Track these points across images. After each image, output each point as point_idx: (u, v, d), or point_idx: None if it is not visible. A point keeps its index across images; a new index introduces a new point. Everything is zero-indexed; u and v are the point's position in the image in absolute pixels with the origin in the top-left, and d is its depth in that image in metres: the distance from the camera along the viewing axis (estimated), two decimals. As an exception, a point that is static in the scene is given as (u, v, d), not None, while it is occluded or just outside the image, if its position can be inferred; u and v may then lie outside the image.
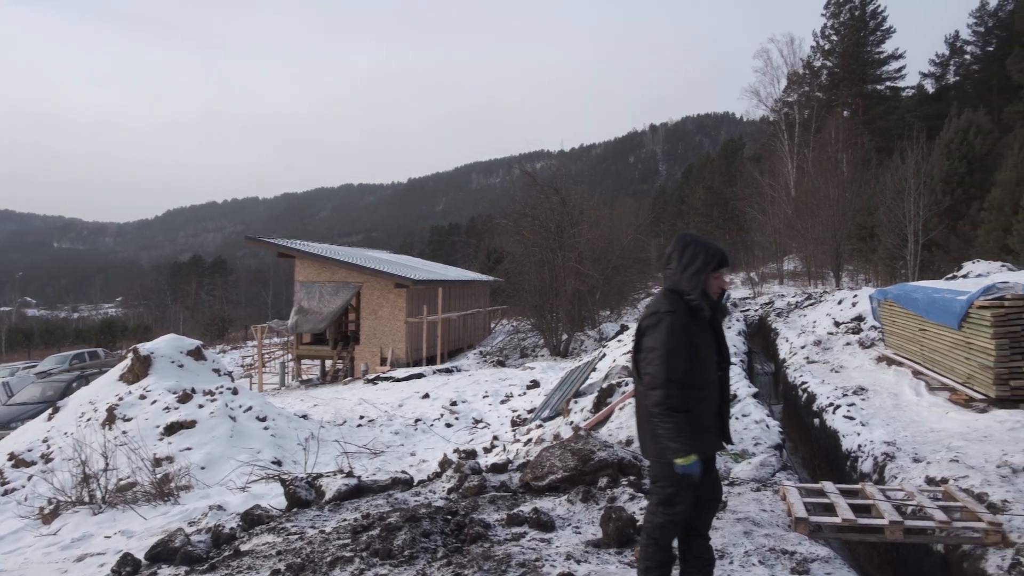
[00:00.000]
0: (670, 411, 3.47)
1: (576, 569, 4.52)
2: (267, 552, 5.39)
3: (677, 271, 3.64)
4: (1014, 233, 20.58)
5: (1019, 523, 5.10)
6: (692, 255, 3.62)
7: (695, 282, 3.58)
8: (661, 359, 3.49)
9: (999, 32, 51.83)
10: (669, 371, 3.48)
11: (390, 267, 29.40)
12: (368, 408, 14.51)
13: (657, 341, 3.53)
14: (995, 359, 9.00)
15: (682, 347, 3.52)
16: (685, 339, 3.54)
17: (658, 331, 3.54)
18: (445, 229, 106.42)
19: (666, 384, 3.47)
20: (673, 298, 3.65)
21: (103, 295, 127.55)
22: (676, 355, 3.50)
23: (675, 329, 3.53)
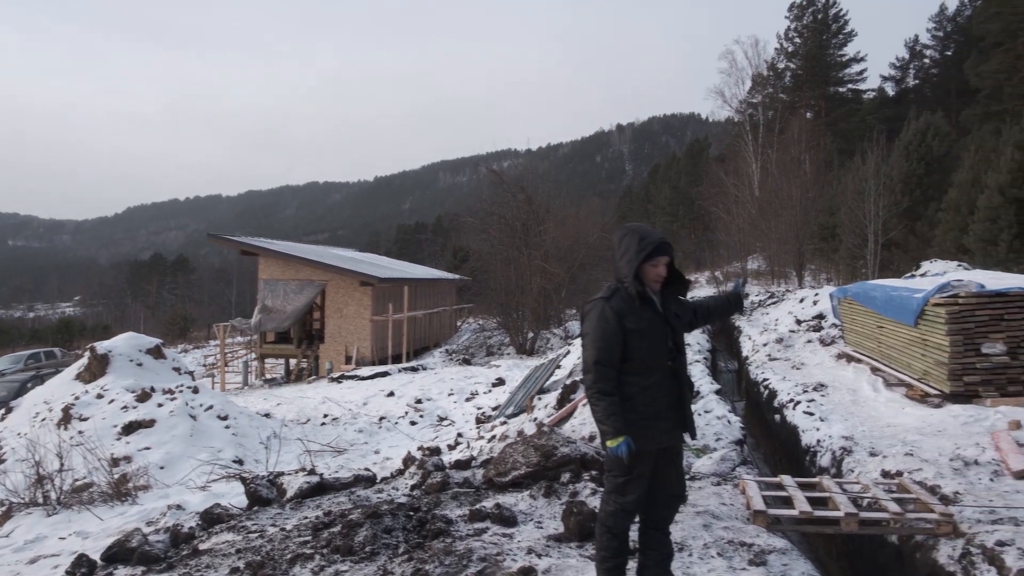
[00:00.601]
0: (599, 394, 3.55)
1: (537, 563, 4.52)
2: (226, 551, 5.32)
3: (616, 259, 3.72)
4: (970, 233, 21.04)
5: (969, 514, 5.22)
6: (627, 243, 3.67)
7: (628, 269, 3.63)
8: (591, 343, 3.60)
9: (957, 37, 53.06)
10: (597, 354, 3.57)
11: (355, 265, 29.19)
12: (332, 407, 14.40)
13: (589, 327, 3.65)
14: (949, 355, 9.20)
15: (613, 332, 3.58)
16: (616, 325, 3.59)
17: (590, 317, 3.66)
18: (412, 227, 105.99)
19: (594, 367, 3.57)
20: (613, 286, 3.72)
21: (60, 294, 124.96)
22: (604, 340, 3.57)
23: (604, 314, 3.60)
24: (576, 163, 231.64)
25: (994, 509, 5.24)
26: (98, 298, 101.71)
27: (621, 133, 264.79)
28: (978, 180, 22.34)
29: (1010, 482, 5.98)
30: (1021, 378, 8.99)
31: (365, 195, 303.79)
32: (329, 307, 27.31)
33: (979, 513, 5.21)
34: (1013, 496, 5.58)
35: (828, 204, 34.14)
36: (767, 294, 32.11)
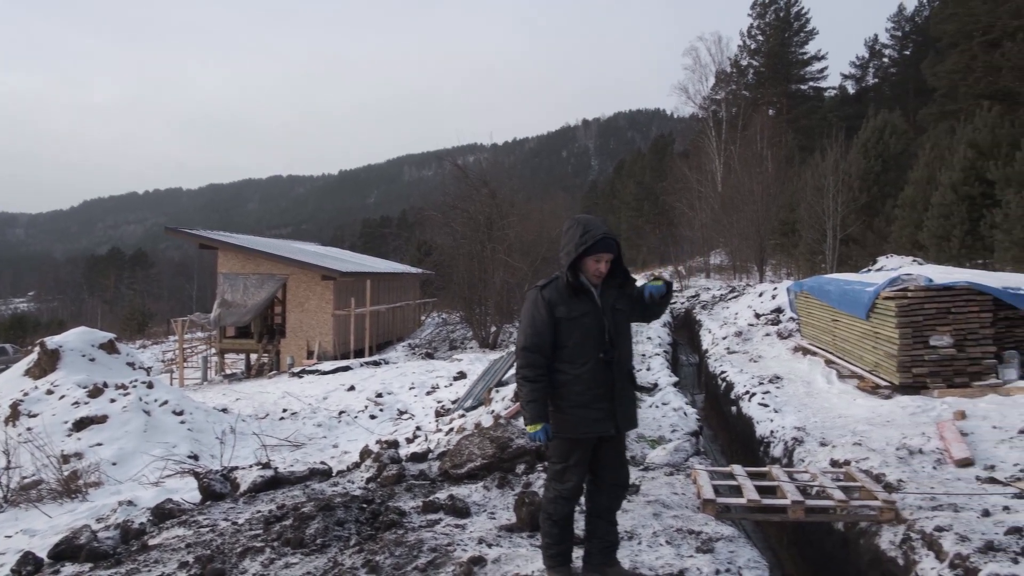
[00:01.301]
0: (523, 379, 3.67)
1: (487, 552, 4.54)
2: (176, 545, 5.26)
3: (560, 253, 3.76)
4: (924, 229, 21.51)
5: (912, 501, 5.35)
6: (571, 234, 3.69)
7: (566, 260, 3.67)
8: (520, 329, 3.77)
9: (915, 37, 54.11)
10: (525, 340, 3.68)
11: (317, 259, 28.93)
12: (292, 401, 14.27)
13: (522, 314, 3.80)
14: (899, 348, 9.42)
15: (542, 320, 3.65)
16: (547, 313, 3.66)
17: (525, 304, 3.80)
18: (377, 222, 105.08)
19: (522, 353, 3.68)
20: (553, 276, 3.83)
21: (13, 289, 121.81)
22: (533, 327, 3.67)
23: (536, 302, 3.70)
24: (542, 158, 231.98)
25: (935, 496, 5.38)
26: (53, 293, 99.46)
27: (587, 128, 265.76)
28: (933, 178, 22.84)
29: (952, 470, 6.15)
30: (967, 370, 9.23)
31: (330, 189, 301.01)
32: (290, 301, 27.03)
33: (921, 500, 5.34)
34: (954, 483, 5.73)
35: (789, 200, 34.65)
36: (728, 288, 32.54)
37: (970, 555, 4.21)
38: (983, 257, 19.97)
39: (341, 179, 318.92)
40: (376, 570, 4.39)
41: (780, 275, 35.86)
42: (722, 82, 59.62)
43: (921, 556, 4.54)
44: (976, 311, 9.26)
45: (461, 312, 26.53)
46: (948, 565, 4.27)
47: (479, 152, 36.97)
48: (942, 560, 4.35)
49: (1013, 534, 4.41)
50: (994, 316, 9.32)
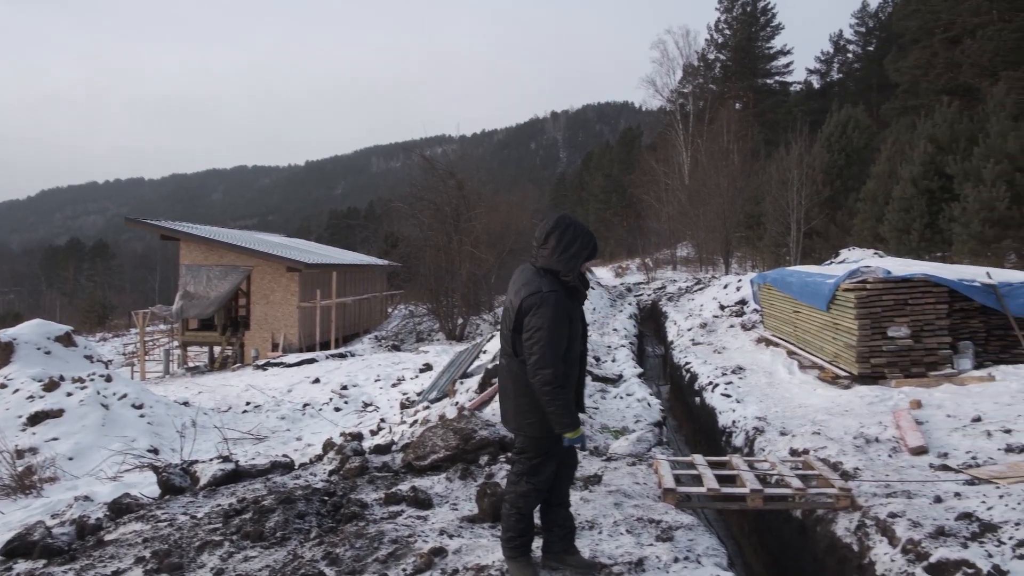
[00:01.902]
0: (560, 389, 3.55)
1: (448, 543, 4.54)
2: (133, 540, 5.18)
3: (555, 252, 3.67)
4: (885, 222, 21.86)
5: (867, 488, 5.44)
6: (571, 239, 3.67)
7: (572, 264, 3.66)
8: (549, 339, 3.53)
9: (879, 33, 54.90)
10: (557, 350, 3.56)
11: (282, 250, 28.61)
12: (256, 394, 14.12)
13: (544, 321, 3.55)
14: (858, 338, 9.58)
15: (565, 326, 3.62)
16: (568, 320, 3.64)
17: (543, 311, 3.56)
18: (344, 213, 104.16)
19: (555, 363, 3.54)
20: (550, 277, 3.69)
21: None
22: (562, 335, 3.59)
23: (560, 309, 3.59)
24: (511, 149, 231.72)
25: (889, 484, 5.48)
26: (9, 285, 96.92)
27: (555, 120, 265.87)
28: (894, 172, 23.21)
29: (907, 458, 6.27)
30: (923, 360, 9.42)
31: (296, 180, 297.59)
32: (255, 293, 26.71)
33: (876, 487, 5.43)
34: (908, 471, 5.84)
35: (754, 193, 35.02)
36: (694, 280, 32.83)
37: (922, 540, 4.30)
38: (942, 250, 20.37)
39: (308, 170, 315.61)
40: (336, 562, 4.37)
41: (745, 267, 36.28)
42: (689, 75, 60.02)
43: (875, 542, 4.62)
44: (932, 303, 9.44)
45: (428, 304, 26.41)
46: (900, 550, 4.35)
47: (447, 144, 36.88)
48: (895, 546, 4.44)
49: (963, 519, 4.51)
50: (950, 307, 9.51)
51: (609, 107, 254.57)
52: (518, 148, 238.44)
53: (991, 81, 25.83)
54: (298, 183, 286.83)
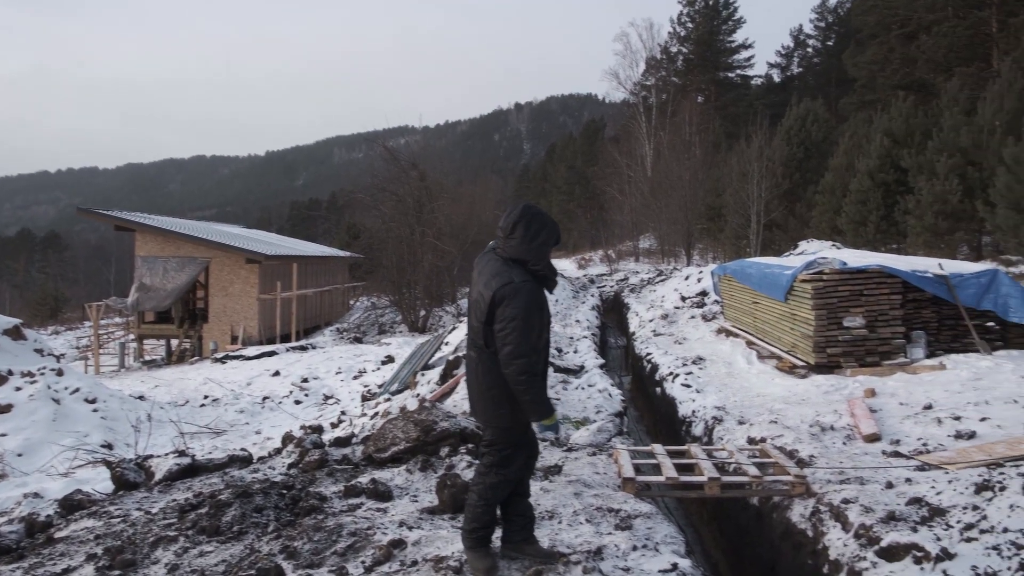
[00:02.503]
0: (535, 377, 3.58)
1: (408, 535, 4.52)
2: (85, 537, 5.07)
3: (524, 241, 3.66)
4: (843, 215, 22.22)
5: (822, 475, 5.54)
6: (538, 228, 3.67)
7: (542, 253, 3.67)
8: (524, 328, 3.54)
9: (838, 28, 55.66)
10: (533, 339, 3.57)
11: (241, 241, 28.20)
12: (214, 387, 13.91)
13: (518, 311, 3.54)
14: (814, 329, 9.74)
15: (539, 315, 3.64)
16: (542, 309, 3.68)
17: (517, 300, 3.56)
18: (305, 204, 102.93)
19: (531, 352, 3.55)
20: (520, 267, 3.68)
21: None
22: (536, 324, 3.61)
23: (534, 298, 3.61)
24: (474, 141, 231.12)
25: (843, 470, 5.59)
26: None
27: (519, 112, 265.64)
28: (851, 165, 23.57)
29: (860, 445, 6.39)
30: (878, 349, 9.61)
31: (256, 170, 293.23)
32: (213, 285, 26.29)
33: (830, 474, 5.53)
34: (861, 458, 5.96)
35: (715, 185, 35.34)
36: (656, 272, 33.09)
37: (873, 525, 4.39)
38: (897, 242, 20.77)
39: (268, 160, 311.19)
40: (294, 555, 4.33)
41: (707, 259, 36.64)
42: (652, 68, 60.36)
43: (829, 527, 4.71)
44: (886, 293, 9.63)
45: (390, 296, 26.24)
46: (853, 535, 4.44)
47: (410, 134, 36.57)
48: (848, 531, 4.52)
49: (913, 504, 4.61)
50: (903, 298, 9.71)
51: (573, 99, 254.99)
52: (482, 139, 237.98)
53: (945, 77, 26.39)
54: (258, 173, 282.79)
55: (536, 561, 3.98)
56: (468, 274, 30.64)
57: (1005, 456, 5.32)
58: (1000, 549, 3.82)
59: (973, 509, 4.31)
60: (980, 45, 30.93)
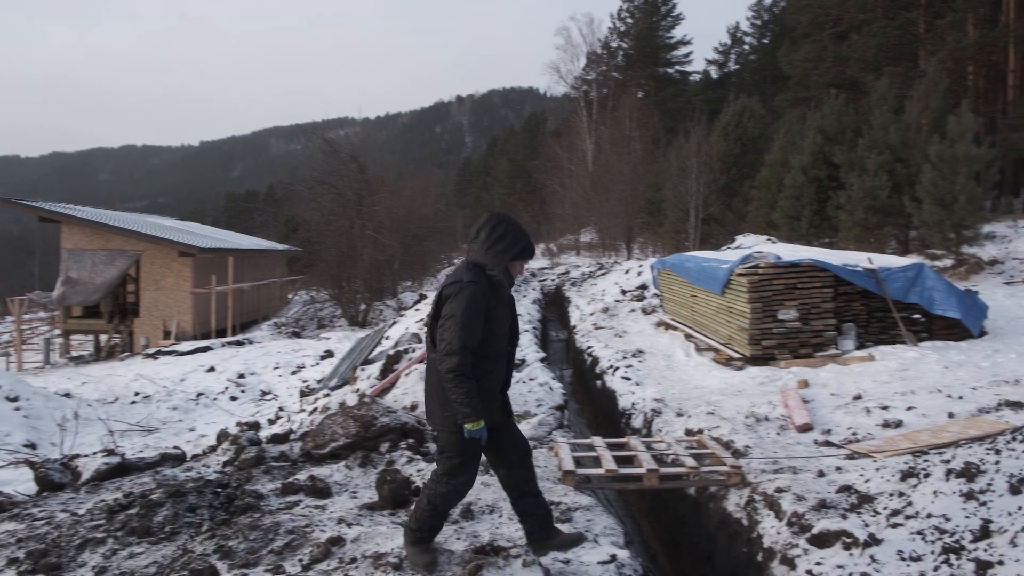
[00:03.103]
0: (463, 377, 3.55)
1: (346, 532, 4.46)
2: (5, 541, 4.85)
3: (483, 246, 3.71)
4: (778, 209, 22.71)
5: (756, 465, 5.66)
6: (501, 234, 3.71)
7: (499, 259, 3.69)
8: (458, 327, 3.54)
9: (773, 26, 56.85)
10: (465, 339, 3.54)
11: (174, 234, 27.44)
12: (145, 384, 13.51)
13: (456, 309, 3.57)
14: (750, 321, 9.93)
15: (479, 317, 3.61)
16: (483, 311, 3.63)
17: (458, 299, 3.59)
18: (241, 196, 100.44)
19: (461, 351, 3.53)
20: (476, 270, 3.70)
21: None
22: (473, 324, 3.58)
23: (475, 299, 3.59)
24: (415, 133, 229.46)
25: (777, 460, 5.72)
26: None
27: (461, 104, 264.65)
28: (786, 161, 24.09)
29: (793, 435, 6.55)
30: (811, 341, 9.86)
31: (190, 160, 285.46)
32: (145, 279, 25.52)
33: (764, 464, 5.65)
34: (794, 448, 6.11)
35: (655, 180, 35.78)
36: (597, 266, 33.40)
37: (805, 513, 4.50)
38: (829, 236, 21.34)
39: (202, 150, 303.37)
40: (228, 555, 4.24)
41: (647, 253, 37.11)
42: (593, 63, 60.85)
43: (763, 516, 4.81)
44: (819, 287, 9.89)
45: (330, 290, 25.87)
46: (786, 523, 4.54)
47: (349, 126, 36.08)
48: (781, 519, 4.63)
49: (843, 492, 4.74)
50: (835, 291, 9.99)
51: (514, 92, 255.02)
52: (423, 132, 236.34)
53: (875, 76, 27.19)
54: (192, 164, 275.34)
55: (563, 548, 4.00)
56: (409, 268, 30.48)
57: (929, 444, 5.52)
58: (924, 534, 3.95)
59: (899, 496, 4.45)
60: (908, 45, 32.00)
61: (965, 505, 4.01)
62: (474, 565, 3.83)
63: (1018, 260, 15.44)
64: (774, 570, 4.34)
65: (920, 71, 25.74)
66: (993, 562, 3.45)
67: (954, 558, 3.63)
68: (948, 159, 14.86)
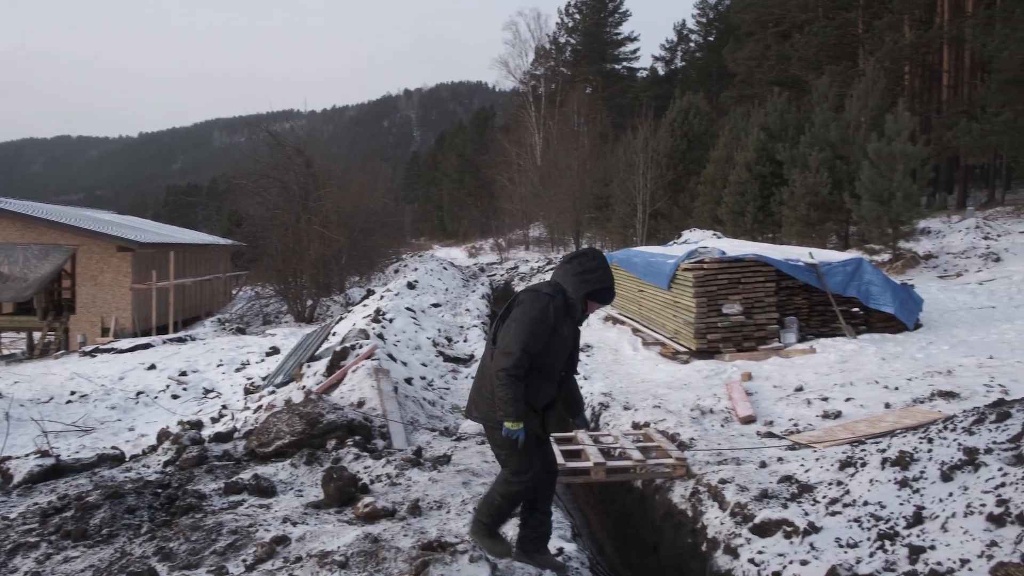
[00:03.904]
0: (513, 378, 3.65)
1: (292, 531, 4.40)
2: (-70, 548, 4.65)
3: (572, 271, 3.83)
4: (723, 205, 23.08)
5: (701, 457, 5.74)
6: (592, 268, 3.83)
7: (581, 288, 3.78)
8: (524, 329, 3.67)
9: (718, 24, 57.73)
10: (525, 343, 3.65)
11: (112, 228, 26.61)
12: (82, 383, 13.08)
13: (526, 314, 3.71)
14: (695, 316, 10.09)
15: (546, 328, 3.71)
16: (551, 325, 3.73)
17: (531, 306, 3.74)
18: (183, 189, 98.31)
19: (519, 353, 3.64)
20: (557, 288, 3.85)
21: None
22: (538, 332, 3.69)
23: (547, 310, 3.72)
24: (363, 127, 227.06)
25: (721, 451, 5.81)
26: None
27: (409, 98, 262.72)
28: (731, 157, 24.49)
29: (737, 427, 6.67)
30: (754, 335, 10.06)
31: (129, 152, 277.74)
32: (81, 274, 24.70)
33: (709, 456, 5.75)
34: (738, 439, 6.22)
35: (603, 175, 36.00)
36: (546, 260, 33.53)
37: (748, 503, 4.58)
38: (772, 231, 21.77)
39: (142, 142, 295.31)
40: (169, 557, 4.15)
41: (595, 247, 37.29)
42: (541, 58, 61.01)
43: (707, 507, 4.89)
44: (762, 281, 10.10)
45: (275, 285, 25.39)
46: (729, 513, 4.62)
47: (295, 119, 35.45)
48: (724, 509, 4.71)
49: (785, 482, 4.84)
50: (777, 286, 10.21)
51: (463, 86, 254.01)
52: (370, 126, 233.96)
53: (816, 74, 27.82)
54: (131, 156, 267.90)
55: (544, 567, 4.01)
56: (357, 263, 30.13)
57: (867, 434, 5.67)
58: (861, 521, 4.05)
59: (837, 485, 4.56)
60: (848, 45, 32.84)
61: (899, 492, 4.12)
62: (421, 561, 3.81)
63: (951, 255, 15.98)
64: (718, 559, 4.41)
65: (859, 70, 26.40)
66: (925, 547, 3.56)
67: (889, 544, 3.73)
68: (886, 156, 15.29)
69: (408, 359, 10.08)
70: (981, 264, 14.88)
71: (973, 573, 3.20)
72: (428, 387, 9.20)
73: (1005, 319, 10.43)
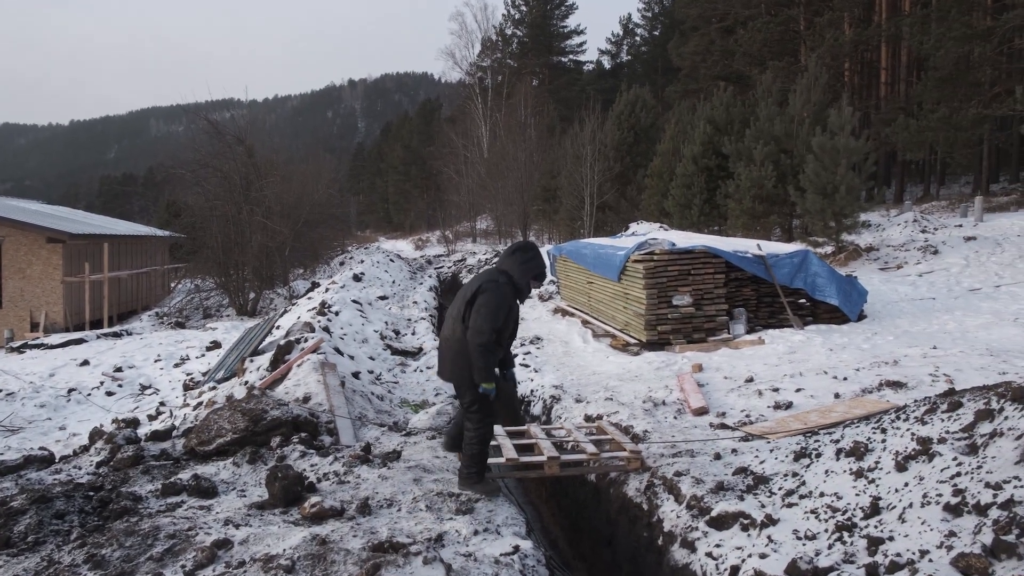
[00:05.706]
0: (488, 350, 4.77)
1: (234, 534, 4.18)
2: None
3: (516, 261, 4.98)
4: (670, 198, 23.27)
5: (655, 449, 5.69)
6: (531, 257, 5.02)
7: (526, 275, 4.97)
8: (491, 312, 4.78)
9: (663, 19, 58.30)
10: (495, 322, 4.80)
11: (41, 219, 25.55)
12: (9, 380, 12.45)
13: (491, 300, 4.81)
14: (646, 307, 10.07)
15: (505, 308, 4.88)
16: (508, 306, 4.90)
17: (494, 293, 4.84)
18: (118, 179, 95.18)
19: (489, 332, 4.76)
20: (507, 276, 4.97)
21: None
22: (501, 312, 4.83)
23: (505, 295, 4.88)
24: (306, 117, 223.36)
25: (675, 444, 5.76)
26: None
27: (353, 89, 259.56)
28: (677, 150, 24.72)
29: (690, 419, 6.64)
30: (704, 326, 10.10)
31: (59, 141, 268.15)
32: (8, 267, 23.66)
33: (663, 448, 5.69)
34: (691, 431, 6.18)
35: (550, 168, 36.01)
36: (494, 253, 33.37)
37: (704, 496, 4.53)
38: (718, 224, 22.04)
39: (73, 130, 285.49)
40: (101, 565, 3.90)
41: (543, 240, 37.37)
42: (488, 50, 60.72)
43: (663, 500, 4.82)
44: (711, 273, 10.14)
45: (216, 278, 24.69)
46: (685, 506, 4.56)
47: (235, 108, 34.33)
48: (680, 502, 4.65)
49: (740, 474, 4.80)
50: (726, 277, 10.26)
51: (408, 77, 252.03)
52: (314, 116, 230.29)
53: (760, 70, 28.25)
54: (62, 145, 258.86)
55: (478, 491, 4.94)
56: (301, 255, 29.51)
57: (819, 424, 5.69)
58: (818, 512, 4.02)
59: (793, 476, 4.53)
60: (790, 41, 33.46)
61: (855, 483, 4.11)
62: (372, 564, 3.65)
63: (891, 247, 16.36)
64: (675, 553, 4.35)
65: (802, 66, 26.89)
66: (884, 538, 3.53)
67: (847, 535, 3.70)
68: (829, 150, 15.55)
69: (355, 353, 9.85)
70: (920, 256, 15.25)
71: (933, 564, 3.17)
72: (376, 381, 8.99)
73: (945, 310, 10.68)
